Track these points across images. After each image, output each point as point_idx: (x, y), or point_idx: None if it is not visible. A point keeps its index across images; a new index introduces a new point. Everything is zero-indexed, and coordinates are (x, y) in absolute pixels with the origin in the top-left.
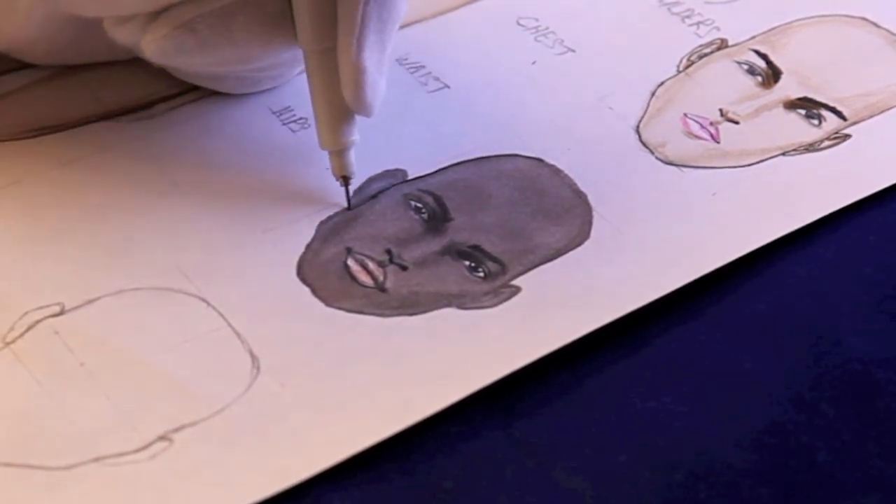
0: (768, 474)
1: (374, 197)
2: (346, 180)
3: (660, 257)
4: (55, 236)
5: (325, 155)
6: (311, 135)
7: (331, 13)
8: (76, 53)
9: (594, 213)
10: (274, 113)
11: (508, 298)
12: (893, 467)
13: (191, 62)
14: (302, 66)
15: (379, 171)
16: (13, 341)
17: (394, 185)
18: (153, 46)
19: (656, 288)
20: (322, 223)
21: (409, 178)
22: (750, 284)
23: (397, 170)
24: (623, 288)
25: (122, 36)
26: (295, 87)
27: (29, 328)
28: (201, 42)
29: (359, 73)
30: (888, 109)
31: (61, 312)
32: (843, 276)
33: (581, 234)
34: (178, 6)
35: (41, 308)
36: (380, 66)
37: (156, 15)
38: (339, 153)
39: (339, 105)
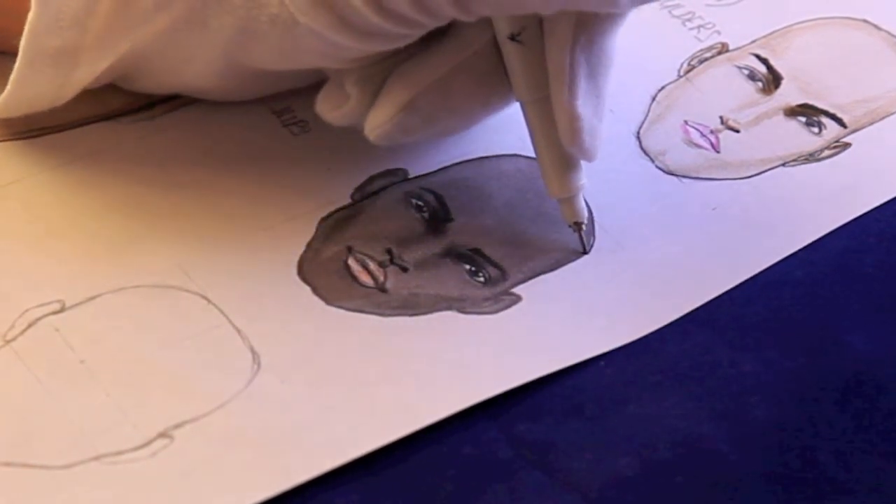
0: (768, 474)
1: (374, 194)
2: (578, 226)
3: (659, 280)
4: (56, 234)
5: (325, 155)
6: (311, 138)
7: (542, 63)
8: (253, 90)
9: (594, 224)
10: (274, 114)
11: (509, 307)
12: (893, 467)
13: (415, 138)
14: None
15: (380, 169)
16: (13, 339)
17: (395, 184)
18: (378, 132)
19: (654, 320)
20: (322, 220)
21: (411, 176)
22: (750, 285)
23: (398, 168)
24: (622, 312)
25: (338, 120)
26: (296, 89)
27: (29, 325)
28: (425, 118)
29: (574, 120)
30: (888, 116)
31: (62, 310)
32: (843, 276)
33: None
34: (394, 87)
35: (41, 305)
36: (596, 111)
37: (373, 99)
38: (568, 200)
39: (563, 152)
